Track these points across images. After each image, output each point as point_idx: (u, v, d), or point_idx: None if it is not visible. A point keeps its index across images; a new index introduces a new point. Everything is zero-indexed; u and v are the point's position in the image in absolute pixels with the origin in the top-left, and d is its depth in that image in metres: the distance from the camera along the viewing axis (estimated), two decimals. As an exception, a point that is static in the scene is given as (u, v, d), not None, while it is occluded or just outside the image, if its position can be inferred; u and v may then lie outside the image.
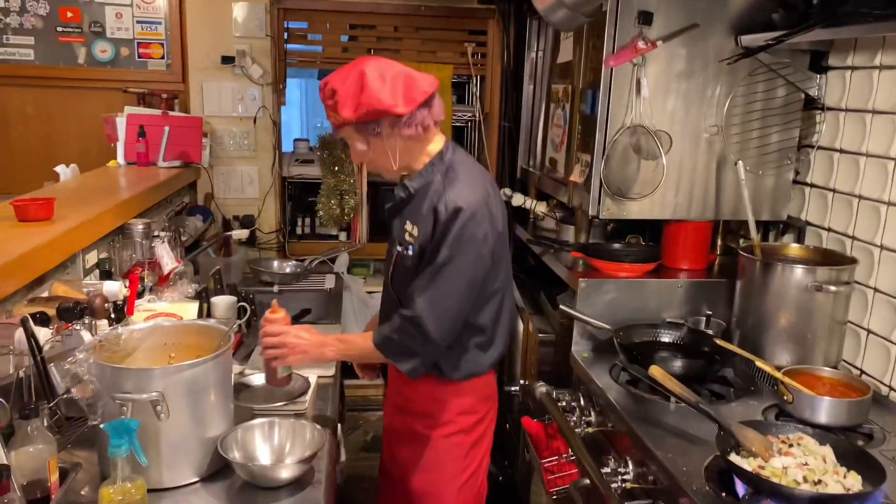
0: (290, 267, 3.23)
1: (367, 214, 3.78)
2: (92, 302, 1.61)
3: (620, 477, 1.72)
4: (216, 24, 3.46)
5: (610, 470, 1.76)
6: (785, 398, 1.71)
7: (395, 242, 1.83)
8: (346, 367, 2.09)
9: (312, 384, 1.87)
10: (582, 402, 2.09)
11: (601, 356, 2.18)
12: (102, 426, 1.29)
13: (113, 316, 1.71)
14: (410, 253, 1.75)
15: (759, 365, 1.82)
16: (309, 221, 3.90)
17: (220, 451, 1.43)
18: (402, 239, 1.78)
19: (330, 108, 1.70)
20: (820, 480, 1.34)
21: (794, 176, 2.30)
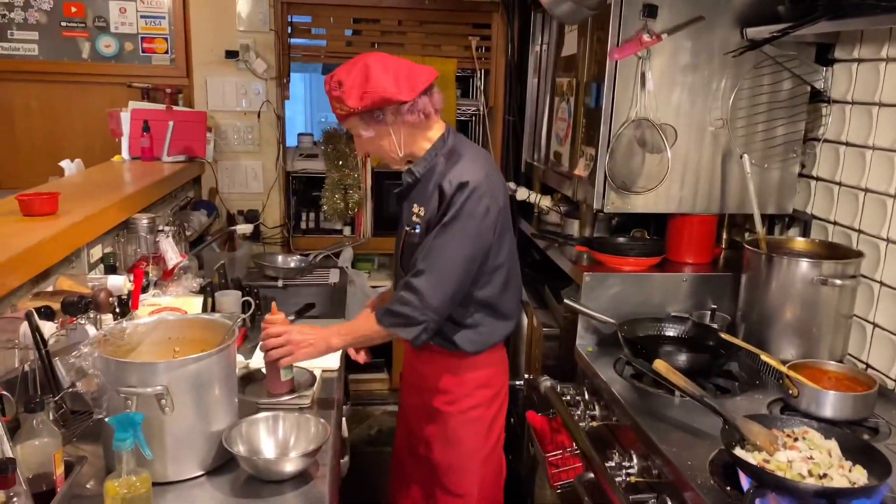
0: (294, 261, 3.23)
1: (371, 209, 3.77)
2: (97, 296, 1.62)
3: (625, 471, 1.73)
4: (220, 18, 3.46)
5: (614, 464, 1.76)
6: (790, 392, 1.71)
7: (402, 226, 1.92)
8: (349, 361, 2.09)
9: (317, 378, 1.88)
10: (586, 396, 2.09)
11: (606, 350, 2.18)
12: (107, 420, 1.29)
13: (117, 310, 1.72)
14: (417, 231, 1.85)
15: (764, 359, 1.82)
16: (313, 216, 3.89)
17: (224, 444, 1.43)
18: (409, 221, 1.88)
19: (336, 98, 1.77)
20: (825, 474, 1.34)
21: (799, 169, 2.29)
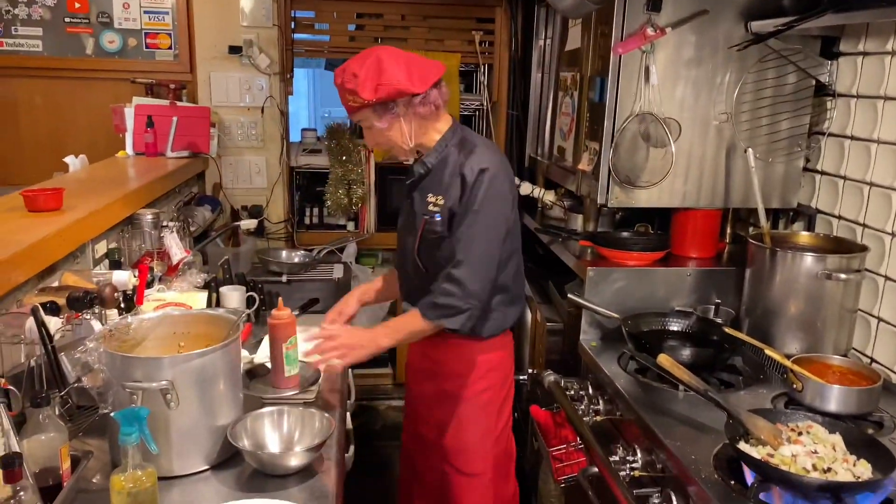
0: (298, 257, 3.23)
1: (374, 204, 3.77)
2: (102, 291, 1.62)
3: (629, 465, 1.73)
4: (223, 13, 3.46)
5: (618, 458, 1.76)
6: (794, 386, 1.71)
7: (416, 215, 1.96)
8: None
9: (321, 373, 1.88)
10: (590, 390, 2.09)
11: (609, 345, 2.18)
12: (113, 414, 1.29)
13: (122, 305, 1.72)
14: (438, 219, 1.90)
15: (768, 353, 1.82)
16: (317, 211, 3.90)
17: (229, 439, 1.44)
18: (425, 210, 1.93)
19: (349, 90, 1.80)
20: (829, 468, 1.34)
21: (804, 163, 2.29)
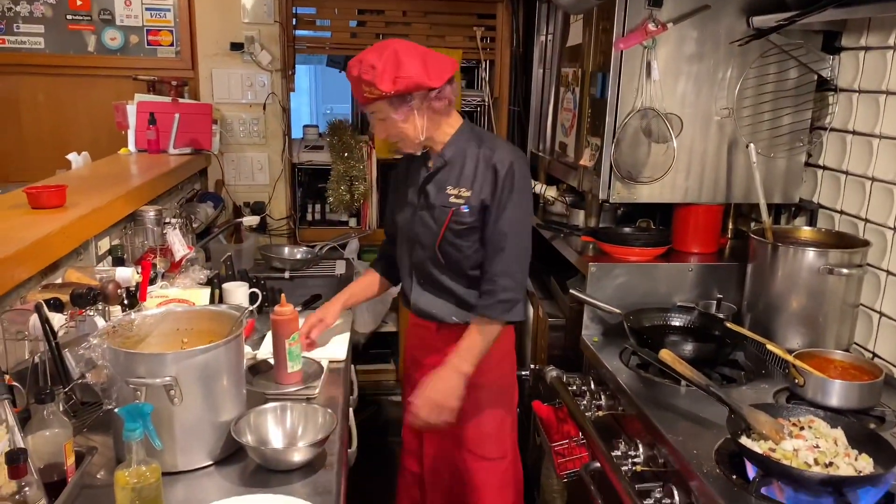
0: (300, 253, 3.24)
1: (376, 200, 3.78)
2: (105, 288, 1.62)
3: (631, 460, 1.73)
4: (225, 10, 3.46)
5: (620, 453, 1.76)
6: (796, 381, 1.71)
7: (433, 208, 1.96)
8: (357, 352, 2.10)
9: (324, 369, 1.89)
10: (592, 385, 2.10)
11: (611, 340, 2.18)
12: (117, 410, 1.30)
13: (126, 302, 1.72)
14: (467, 210, 1.92)
15: (770, 348, 1.82)
16: (319, 207, 3.90)
17: (233, 434, 1.44)
18: (446, 202, 1.94)
19: (367, 82, 1.80)
20: (831, 463, 1.34)
21: (806, 158, 2.29)
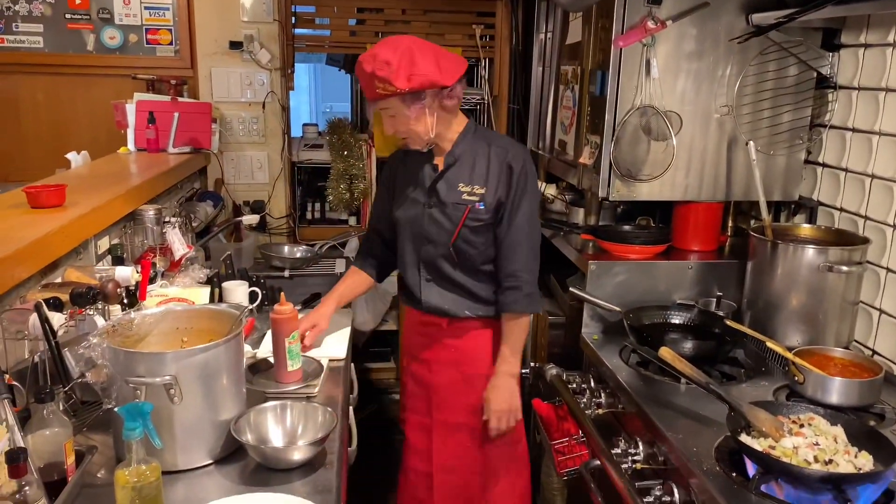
0: (300, 252, 3.24)
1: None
2: (104, 287, 1.62)
3: (631, 458, 1.73)
4: (224, 9, 3.45)
5: (620, 451, 1.76)
6: (796, 379, 1.71)
7: (444, 205, 1.99)
8: (357, 350, 2.10)
9: (324, 367, 1.89)
10: (592, 383, 2.10)
11: (611, 338, 2.18)
12: (117, 409, 1.30)
13: (125, 301, 1.72)
14: (482, 207, 1.97)
15: (769, 346, 1.82)
16: (319, 206, 3.90)
17: (233, 433, 1.44)
18: (459, 200, 1.98)
19: (382, 78, 1.81)
20: (831, 460, 1.35)
21: (805, 156, 2.28)
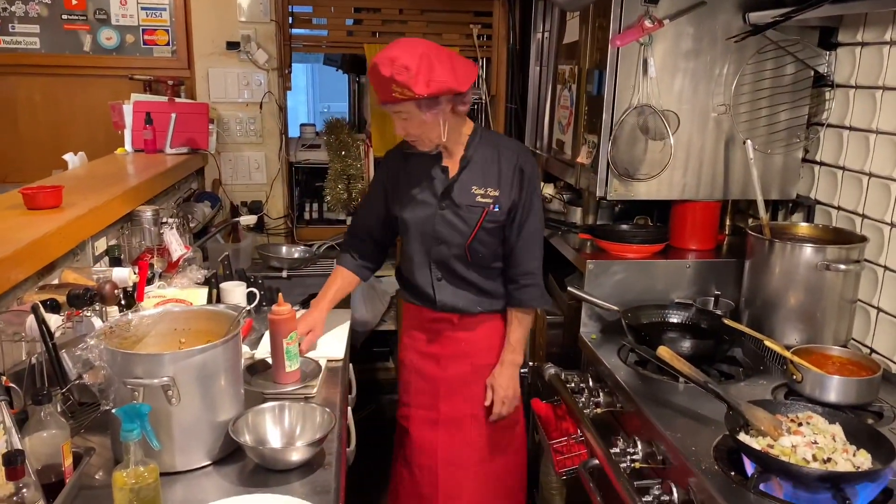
0: (298, 252, 3.24)
1: (374, 199, 3.77)
2: (102, 288, 1.62)
3: (629, 457, 1.73)
4: (221, 9, 3.45)
5: (619, 450, 1.76)
6: (794, 377, 1.71)
7: (459, 207, 2.03)
8: (355, 351, 2.10)
9: (322, 368, 1.88)
10: (590, 383, 2.09)
11: (609, 337, 2.18)
12: (114, 411, 1.30)
13: (123, 302, 1.72)
14: (498, 210, 2.03)
15: (767, 344, 1.82)
16: (317, 206, 3.90)
17: (231, 434, 1.44)
18: (473, 202, 2.03)
19: (401, 83, 1.82)
20: (829, 459, 1.35)
21: (803, 154, 2.29)
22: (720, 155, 2.28)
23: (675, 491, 1.52)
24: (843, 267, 1.86)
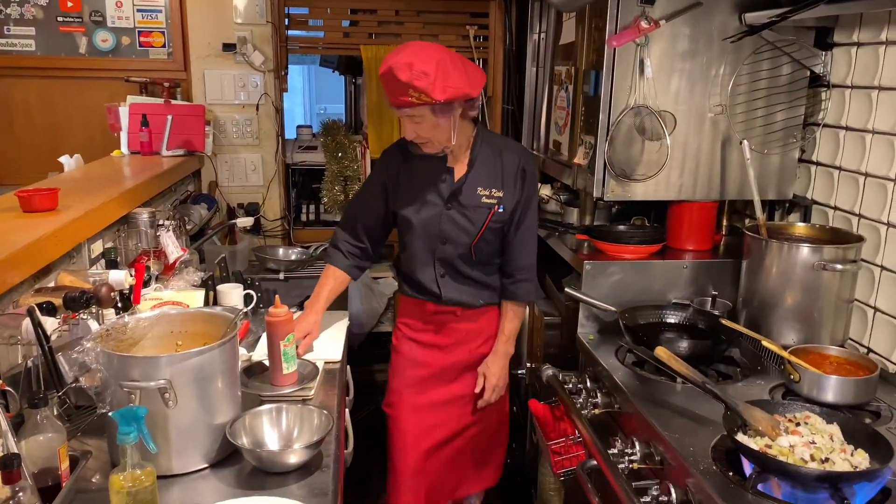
0: (295, 254, 3.23)
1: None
2: (98, 291, 1.62)
3: (627, 458, 1.73)
4: (217, 11, 3.45)
5: (617, 451, 1.76)
6: (791, 377, 1.71)
7: (466, 208, 2.08)
8: (352, 352, 2.10)
9: (320, 370, 1.88)
10: (588, 383, 2.09)
11: (607, 338, 2.18)
12: (111, 414, 1.29)
13: (119, 305, 1.72)
14: (502, 210, 2.09)
15: (765, 344, 1.82)
16: (313, 208, 3.89)
17: (228, 437, 1.44)
18: (479, 203, 2.09)
19: (418, 88, 1.83)
20: (827, 458, 1.35)
21: (799, 154, 2.29)
22: (717, 155, 2.29)
23: (673, 491, 1.52)
24: (839, 267, 1.86)
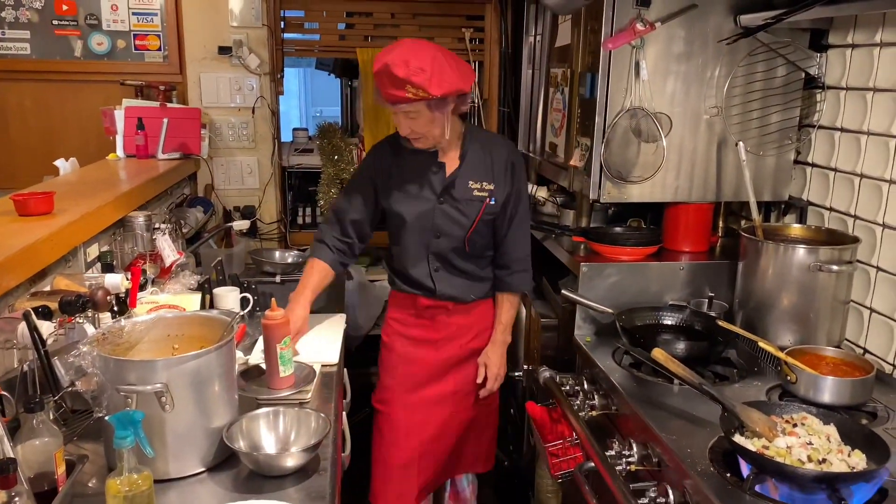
0: (291, 257, 3.23)
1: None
2: (94, 295, 1.61)
3: (625, 459, 1.73)
4: (212, 14, 3.44)
5: (614, 453, 1.76)
6: (788, 378, 1.72)
7: (458, 201, 2.13)
8: (349, 355, 2.10)
9: (317, 373, 1.88)
10: (585, 385, 2.09)
11: (604, 340, 2.18)
12: (108, 418, 1.29)
13: (115, 308, 1.71)
14: (494, 203, 2.14)
15: (761, 346, 1.83)
16: (310, 211, 3.89)
17: (225, 440, 1.44)
18: (471, 196, 2.13)
19: (416, 84, 1.86)
20: (824, 459, 1.35)
21: (795, 156, 2.29)
22: (712, 157, 2.29)
23: (670, 493, 1.52)
24: (835, 268, 1.87)
